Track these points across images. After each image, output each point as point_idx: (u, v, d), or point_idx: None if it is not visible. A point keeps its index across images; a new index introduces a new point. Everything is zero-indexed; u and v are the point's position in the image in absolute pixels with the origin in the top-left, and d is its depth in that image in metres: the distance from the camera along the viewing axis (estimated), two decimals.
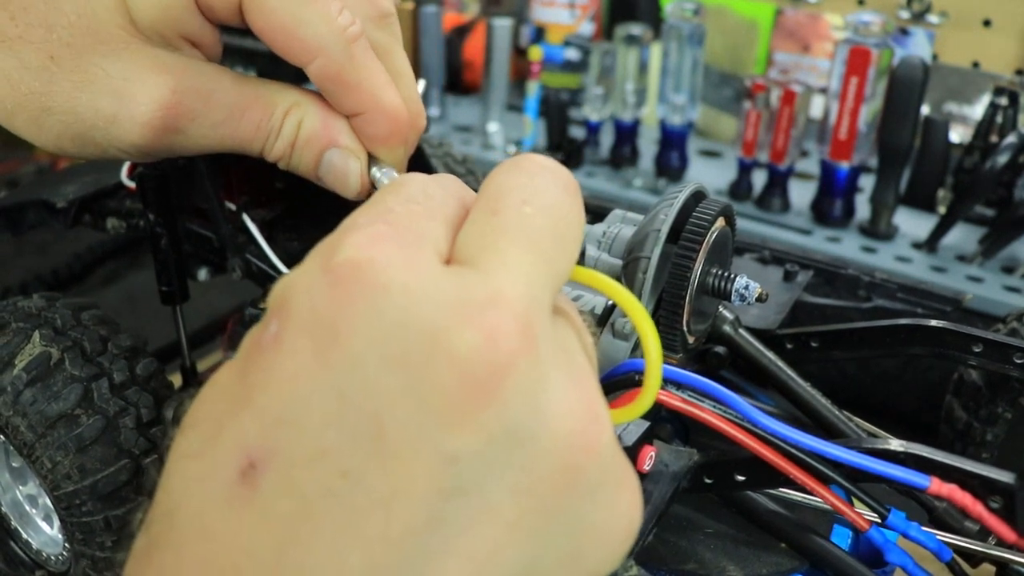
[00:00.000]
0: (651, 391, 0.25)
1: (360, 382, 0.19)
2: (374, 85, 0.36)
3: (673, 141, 0.96)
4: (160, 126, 0.35)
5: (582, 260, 0.48)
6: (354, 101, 0.36)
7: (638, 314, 0.25)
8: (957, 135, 0.94)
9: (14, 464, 0.52)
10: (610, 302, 0.46)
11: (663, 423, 0.49)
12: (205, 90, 0.35)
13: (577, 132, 1.03)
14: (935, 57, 0.96)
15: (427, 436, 0.19)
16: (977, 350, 0.49)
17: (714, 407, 0.38)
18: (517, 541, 0.20)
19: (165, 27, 0.35)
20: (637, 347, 0.46)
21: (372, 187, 0.39)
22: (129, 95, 0.34)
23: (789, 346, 0.55)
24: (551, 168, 0.25)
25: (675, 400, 0.36)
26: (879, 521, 0.38)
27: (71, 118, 0.34)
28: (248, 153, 0.37)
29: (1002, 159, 0.78)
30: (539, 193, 0.24)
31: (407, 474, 0.19)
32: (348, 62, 0.35)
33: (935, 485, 0.35)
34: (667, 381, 0.37)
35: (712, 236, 0.45)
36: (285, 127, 0.36)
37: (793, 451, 0.36)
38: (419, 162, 0.51)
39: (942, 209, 0.87)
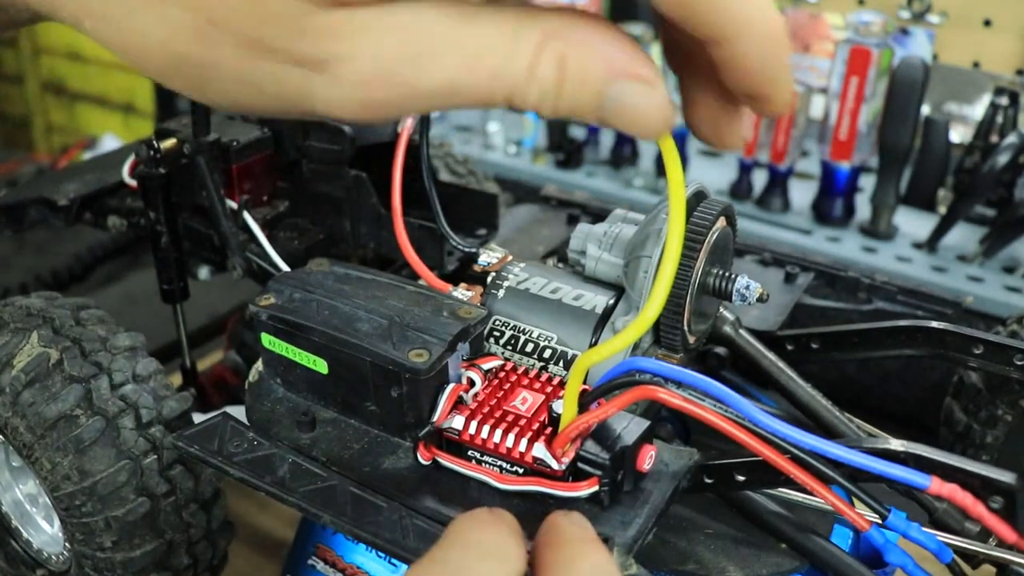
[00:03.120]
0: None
1: None
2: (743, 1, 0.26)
3: (675, 141, 0.96)
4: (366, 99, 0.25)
5: (583, 259, 0.48)
6: (721, 26, 0.26)
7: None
8: (957, 135, 0.94)
9: (14, 464, 0.52)
10: (611, 301, 0.46)
11: (664, 422, 0.49)
12: (423, 47, 0.25)
13: (577, 132, 1.02)
14: (935, 57, 0.96)
15: None
16: (978, 352, 0.49)
17: (715, 406, 0.38)
18: None
19: None
20: (636, 346, 0.46)
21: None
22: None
23: (790, 347, 0.55)
24: None
25: (676, 399, 0.36)
26: (879, 522, 0.38)
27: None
28: (492, 107, 0.29)
29: (1002, 159, 0.78)
30: None
31: None
32: (772, 42, 0.26)
33: (935, 485, 0.35)
34: (667, 380, 0.37)
35: (713, 236, 0.45)
36: (540, 70, 0.26)
37: (794, 451, 0.36)
38: (417, 162, 0.51)
39: (942, 209, 0.87)
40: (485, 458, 0.39)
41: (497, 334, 0.47)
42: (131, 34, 0.25)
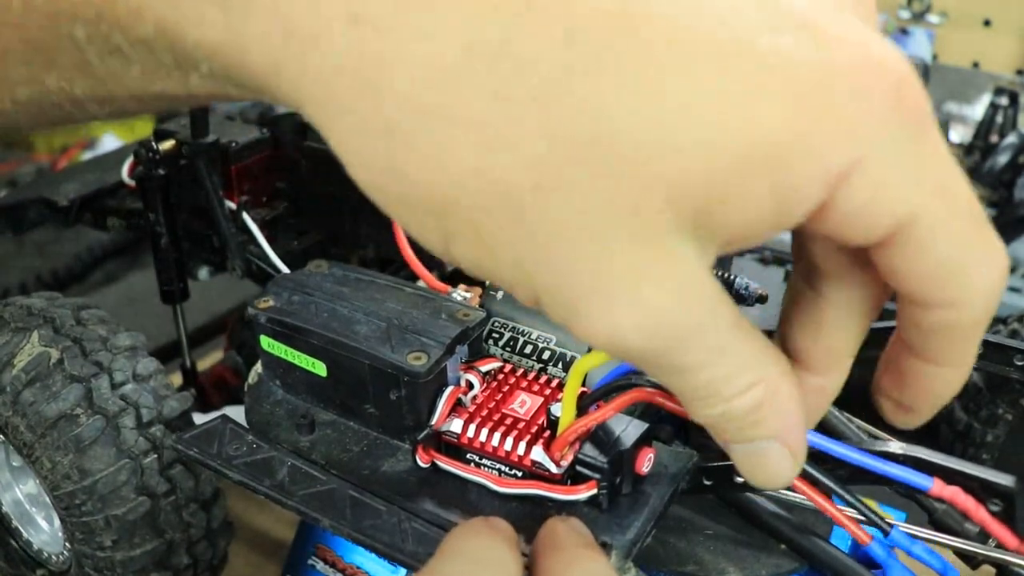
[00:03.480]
0: None
1: None
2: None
3: None
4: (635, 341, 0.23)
5: None
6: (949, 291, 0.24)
7: None
8: (957, 135, 0.94)
9: (14, 463, 0.52)
10: None
11: (663, 424, 0.49)
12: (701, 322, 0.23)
13: None
14: (935, 57, 0.96)
15: None
16: (978, 351, 0.49)
17: None
18: None
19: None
20: None
21: None
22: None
23: None
24: None
25: (674, 401, 0.36)
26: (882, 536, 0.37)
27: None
28: (682, 410, 0.26)
29: (1002, 159, 0.78)
30: None
31: None
32: (986, 317, 0.25)
33: (937, 487, 0.35)
34: None
35: None
36: (739, 402, 0.24)
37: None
38: None
39: None
40: (484, 461, 0.39)
41: (496, 336, 0.47)
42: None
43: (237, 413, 0.45)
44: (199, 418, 0.46)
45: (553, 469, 0.37)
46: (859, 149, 0.20)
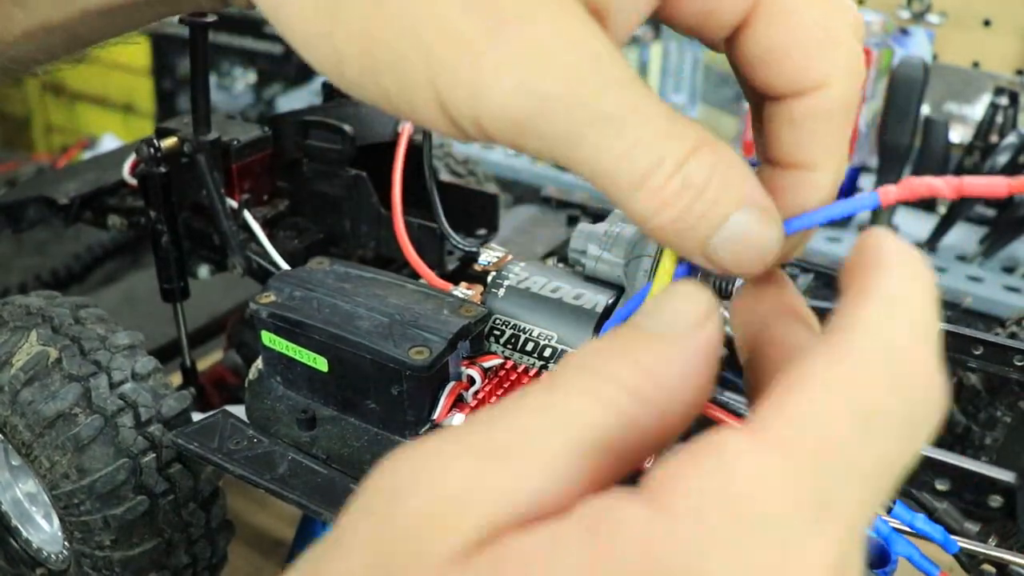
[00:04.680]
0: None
1: None
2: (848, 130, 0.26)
3: None
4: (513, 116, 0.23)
5: (584, 259, 0.48)
6: (829, 149, 0.26)
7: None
8: (957, 135, 0.94)
9: (13, 462, 0.52)
10: (611, 301, 0.46)
11: None
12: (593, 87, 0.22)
13: None
14: (935, 57, 0.96)
15: None
16: (977, 352, 0.49)
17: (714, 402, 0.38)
18: None
19: None
20: None
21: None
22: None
23: None
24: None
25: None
26: (883, 513, 0.37)
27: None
28: (604, 188, 0.24)
29: (1002, 159, 0.78)
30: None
31: None
32: (853, 97, 0.25)
33: (883, 196, 0.30)
34: None
35: None
36: (689, 167, 0.23)
37: None
38: (417, 162, 0.51)
39: (942, 209, 0.87)
40: None
41: (497, 333, 0.47)
42: (283, 5, 0.24)
43: (237, 412, 0.45)
44: (198, 418, 0.46)
45: None
46: None
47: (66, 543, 0.48)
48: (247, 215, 0.55)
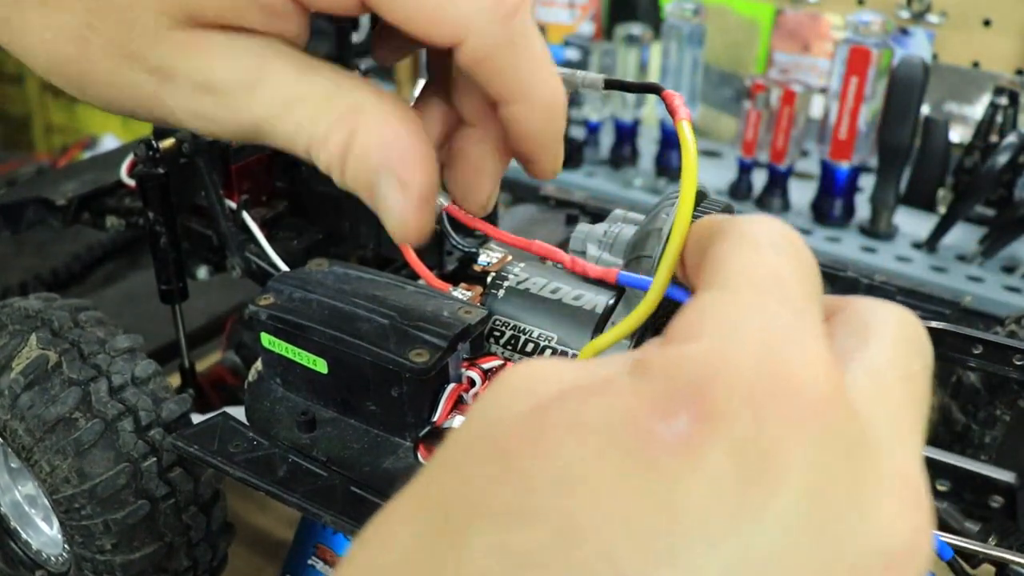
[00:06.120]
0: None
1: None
2: (532, 69, 0.29)
3: (673, 141, 0.96)
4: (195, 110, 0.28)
5: (584, 258, 0.48)
6: (507, 88, 0.29)
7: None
8: (957, 135, 0.94)
9: (13, 465, 0.52)
10: (611, 302, 0.46)
11: None
12: (251, 79, 0.27)
13: (577, 132, 1.02)
14: (935, 57, 0.96)
15: None
16: (976, 352, 0.49)
17: None
18: None
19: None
20: (637, 345, 0.46)
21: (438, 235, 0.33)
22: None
23: None
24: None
25: None
26: None
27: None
28: (298, 156, 0.30)
29: (1002, 159, 0.78)
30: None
31: None
32: (507, 42, 0.28)
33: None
34: None
35: None
36: (333, 138, 0.28)
37: None
38: None
39: (942, 209, 0.87)
40: None
41: (497, 334, 0.47)
42: (22, 34, 0.28)
43: (237, 413, 0.45)
44: (198, 419, 0.46)
45: None
46: None
47: (66, 546, 0.48)
48: (246, 216, 0.55)
